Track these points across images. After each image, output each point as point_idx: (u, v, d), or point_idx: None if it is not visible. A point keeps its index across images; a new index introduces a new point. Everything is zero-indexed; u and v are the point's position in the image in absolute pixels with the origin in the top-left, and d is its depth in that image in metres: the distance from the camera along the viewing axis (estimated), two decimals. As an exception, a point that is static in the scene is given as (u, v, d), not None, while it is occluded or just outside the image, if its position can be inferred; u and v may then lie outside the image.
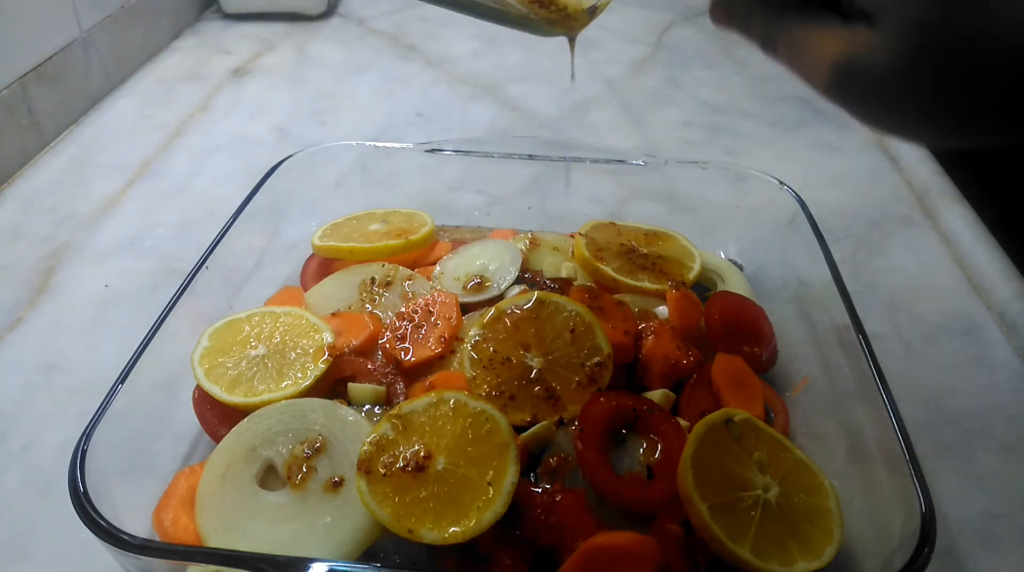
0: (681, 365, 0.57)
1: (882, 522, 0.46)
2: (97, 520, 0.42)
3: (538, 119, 1.09)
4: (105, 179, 0.92)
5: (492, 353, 0.55)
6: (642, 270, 0.66)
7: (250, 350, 0.57)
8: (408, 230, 0.70)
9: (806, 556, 0.45)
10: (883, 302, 0.75)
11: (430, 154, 0.75)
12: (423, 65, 1.24)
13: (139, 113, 1.08)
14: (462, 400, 0.50)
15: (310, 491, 0.48)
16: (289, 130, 1.04)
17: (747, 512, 0.46)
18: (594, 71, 1.23)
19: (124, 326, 0.71)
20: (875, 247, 0.83)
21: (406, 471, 0.47)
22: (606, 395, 0.52)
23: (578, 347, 0.55)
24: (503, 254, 0.68)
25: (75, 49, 1.03)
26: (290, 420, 0.52)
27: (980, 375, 0.68)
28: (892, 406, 0.49)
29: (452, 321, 0.60)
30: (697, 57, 1.29)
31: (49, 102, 0.98)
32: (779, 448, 0.50)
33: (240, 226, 0.65)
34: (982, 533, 0.55)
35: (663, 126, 1.08)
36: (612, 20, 1.42)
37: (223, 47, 1.29)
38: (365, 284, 0.65)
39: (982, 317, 0.74)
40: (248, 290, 0.67)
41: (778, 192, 0.71)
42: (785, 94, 1.16)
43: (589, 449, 0.49)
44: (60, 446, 0.60)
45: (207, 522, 0.48)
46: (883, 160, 0.99)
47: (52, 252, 0.80)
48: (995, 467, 0.60)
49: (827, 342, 0.59)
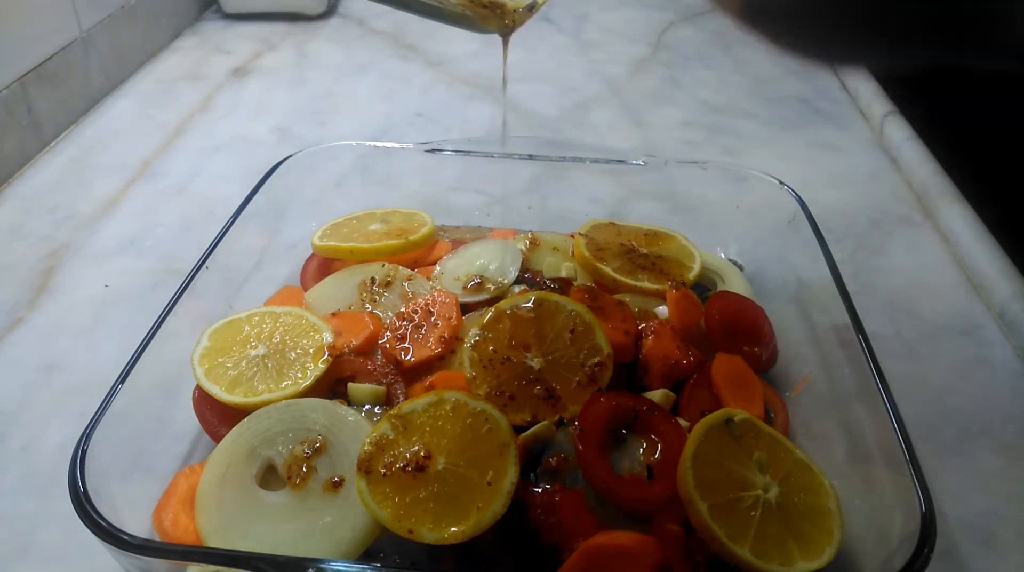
0: (681, 365, 0.57)
1: (882, 522, 0.46)
2: (97, 520, 0.42)
3: (538, 119, 1.09)
4: (105, 179, 0.92)
5: (492, 353, 0.55)
6: (642, 270, 0.66)
7: (250, 350, 0.57)
8: (408, 230, 0.70)
9: (806, 556, 0.45)
10: (883, 302, 0.75)
11: (430, 154, 0.75)
12: (423, 65, 1.24)
13: (139, 113, 1.08)
14: (462, 400, 0.50)
15: (310, 491, 0.48)
16: (289, 130, 1.04)
17: (747, 512, 0.46)
18: (594, 71, 1.23)
19: (124, 326, 0.71)
20: (875, 247, 0.83)
21: (406, 471, 0.47)
22: (606, 395, 0.52)
23: (578, 347, 0.55)
24: (503, 254, 0.68)
25: (75, 49, 1.03)
26: (290, 420, 0.52)
27: (980, 375, 0.68)
28: (892, 406, 0.49)
29: (452, 321, 0.60)
30: (697, 57, 1.29)
31: (49, 102, 0.98)
32: (779, 448, 0.50)
33: (240, 226, 0.65)
34: (982, 533, 0.55)
35: (663, 126, 1.08)
36: (612, 20, 1.42)
37: (223, 47, 1.29)
38: (365, 284, 0.65)
39: (982, 317, 0.74)
40: (248, 290, 0.67)
41: (778, 192, 0.71)
42: (785, 94, 1.16)
43: (589, 449, 0.49)
44: (60, 446, 0.60)
45: (207, 522, 0.48)
46: (883, 160, 1.00)
47: (52, 252, 0.80)
48: (995, 467, 0.60)
49: (827, 342, 0.59)
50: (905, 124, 1.03)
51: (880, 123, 1.05)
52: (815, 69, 1.18)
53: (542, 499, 0.47)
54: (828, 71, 1.19)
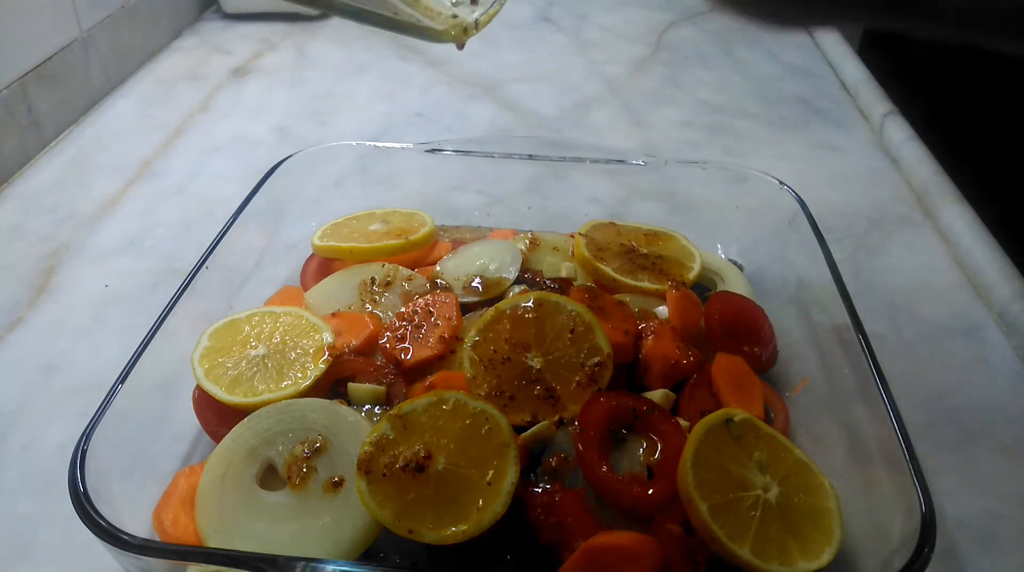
0: (681, 365, 0.57)
1: (882, 522, 0.46)
2: (97, 520, 0.42)
3: (538, 119, 1.09)
4: (105, 179, 0.92)
5: (492, 353, 0.55)
6: (642, 270, 0.66)
7: (250, 350, 0.57)
8: (408, 230, 0.70)
9: (806, 556, 0.45)
10: (883, 302, 0.75)
11: (430, 154, 0.75)
12: (423, 65, 1.24)
13: (139, 113, 1.08)
14: (462, 400, 0.50)
15: (310, 491, 0.48)
16: (289, 130, 1.04)
17: (747, 512, 0.46)
18: (594, 71, 1.23)
19: (124, 326, 0.71)
20: (875, 247, 0.83)
21: (406, 471, 0.47)
22: (606, 395, 0.52)
23: (578, 347, 0.55)
24: (503, 254, 0.68)
25: (75, 49, 1.03)
26: (290, 420, 0.52)
27: (980, 375, 0.68)
28: (892, 406, 0.49)
29: (452, 321, 0.60)
30: (697, 57, 1.29)
31: (49, 102, 0.98)
32: (779, 448, 0.50)
33: (240, 226, 0.65)
34: (982, 533, 0.55)
35: (663, 126, 1.08)
36: (612, 20, 1.42)
37: (223, 47, 1.29)
38: (365, 284, 0.65)
39: (982, 317, 0.74)
40: (248, 290, 0.67)
41: (778, 192, 0.71)
42: (785, 94, 1.16)
43: (589, 449, 0.49)
44: (60, 446, 0.60)
45: (207, 522, 0.48)
46: (883, 160, 1.00)
47: (52, 252, 0.80)
48: (995, 467, 0.60)
49: (827, 342, 0.59)
50: (905, 124, 1.03)
51: (880, 123, 1.05)
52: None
53: (542, 499, 0.47)
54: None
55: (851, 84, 1.17)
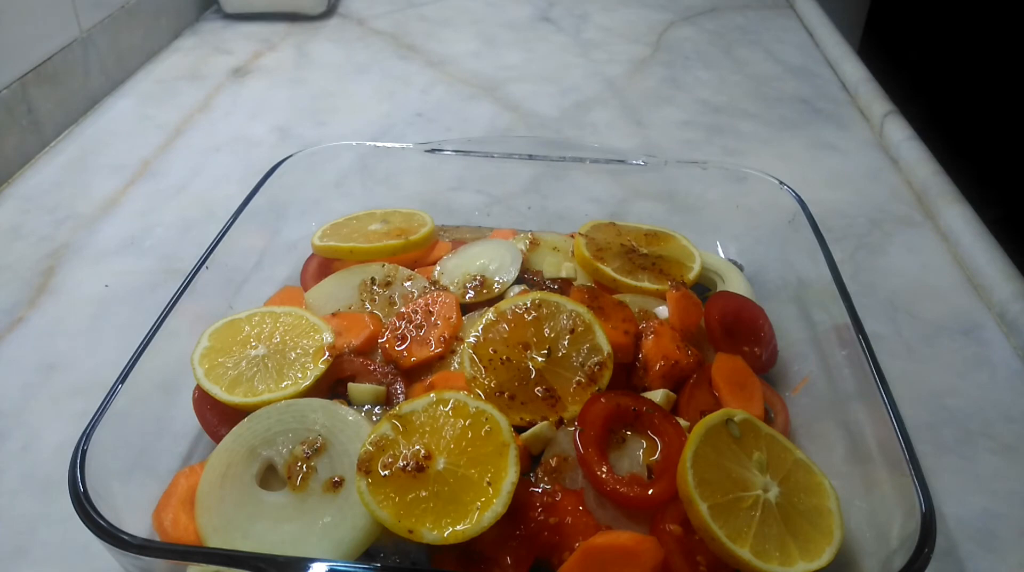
0: (681, 365, 0.57)
1: (882, 522, 0.46)
2: (97, 520, 0.42)
3: (538, 119, 1.09)
4: (105, 179, 0.92)
5: (492, 353, 0.55)
6: (642, 270, 0.66)
7: (250, 350, 0.57)
8: (408, 230, 0.70)
9: (806, 556, 0.45)
10: (883, 302, 0.75)
11: (430, 154, 0.75)
12: (423, 65, 1.24)
13: (139, 113, 1.08)
14: (462, 400, 0.50)
15: (310, 491, 0.48)
16: (289, 130, 1.04)
17: (747, 512, 0.46)
18: (594, 71, 1.23)
19: (124, 326, 0.71)
20: (875, 247, 0.83)
21: (406, 471, 0.47)
22: (606, 395, 0.52)
23: (578, 347, 0.55)
24: (503, 254, 0.68)
25: (75, 49, 1.03)
26: (290, 420, 0.52)
27: (980, 375, 0.68)
28: (892, 406, 0.49)
29: (452, 321, 0.60)
30: (697, 57, 1.29)
31: (49, 102, 0.98)
32: (779, 448, 0.50)
33: (240, 226, 0.65)
34: (982, 533, 0.55)
35: (663, 126, 1.08)
36: (612, 20, 1.43)
37: (223, 47, 1.29)
38: (365, 284, 0.65)
39: (982, 317, 0.74)
40: (248, 290, 0.67)
41: (778, 192, 0.71)
42: (785, 94, 1.16)
43: (589, 449, 0.49)
44: (60, 446, 0.60)
45: (207, 522, 0.48)
46: (883, 160, 1.00)
47: (52, 252, 0.80)
48: (995, 467, 0.60)
49: (827, 342, 0.59)
50: (905, 124, 1.03)
51: (880, 123, 1.05)
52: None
53: (542, 499, 0.47)
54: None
55: (851, 84, 1.17)
